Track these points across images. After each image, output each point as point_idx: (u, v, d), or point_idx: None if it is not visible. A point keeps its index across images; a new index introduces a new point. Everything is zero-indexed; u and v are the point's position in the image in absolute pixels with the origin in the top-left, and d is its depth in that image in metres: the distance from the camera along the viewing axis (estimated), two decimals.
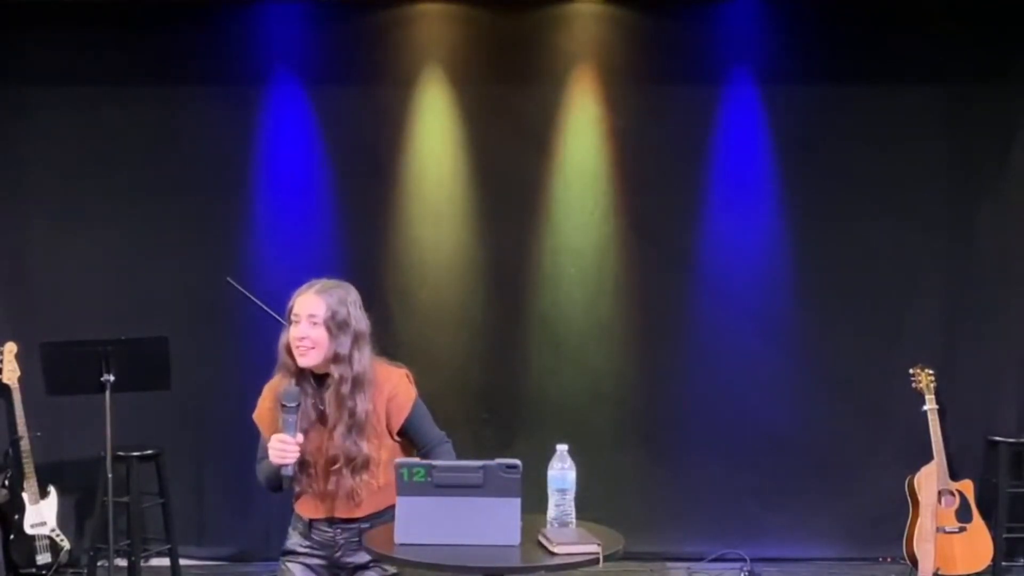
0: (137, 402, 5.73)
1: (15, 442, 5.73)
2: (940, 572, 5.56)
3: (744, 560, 6.12)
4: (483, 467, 3.29)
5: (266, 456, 3.64)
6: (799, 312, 6.38)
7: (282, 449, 3.53)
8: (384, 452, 3.64)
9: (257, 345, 6.25)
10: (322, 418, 3.63)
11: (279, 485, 3.67)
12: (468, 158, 6.40)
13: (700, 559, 6.23)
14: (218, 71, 6.32)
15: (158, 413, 6.06)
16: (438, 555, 3.21)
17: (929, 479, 5.61)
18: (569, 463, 3.41)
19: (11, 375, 5.77)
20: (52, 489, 5.81)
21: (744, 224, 6.39)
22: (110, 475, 5.46)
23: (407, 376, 3.76)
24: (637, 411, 6.40)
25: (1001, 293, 6.35)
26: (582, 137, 6.40)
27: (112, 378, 5.49)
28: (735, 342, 6.36)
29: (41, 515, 5.74)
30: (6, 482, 5.70)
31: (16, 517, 5.69)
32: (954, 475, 5.67)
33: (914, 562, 5.61)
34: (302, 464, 3.63)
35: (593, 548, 3.23)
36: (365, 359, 3.64)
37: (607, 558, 3.25)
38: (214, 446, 6.36)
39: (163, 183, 6.31)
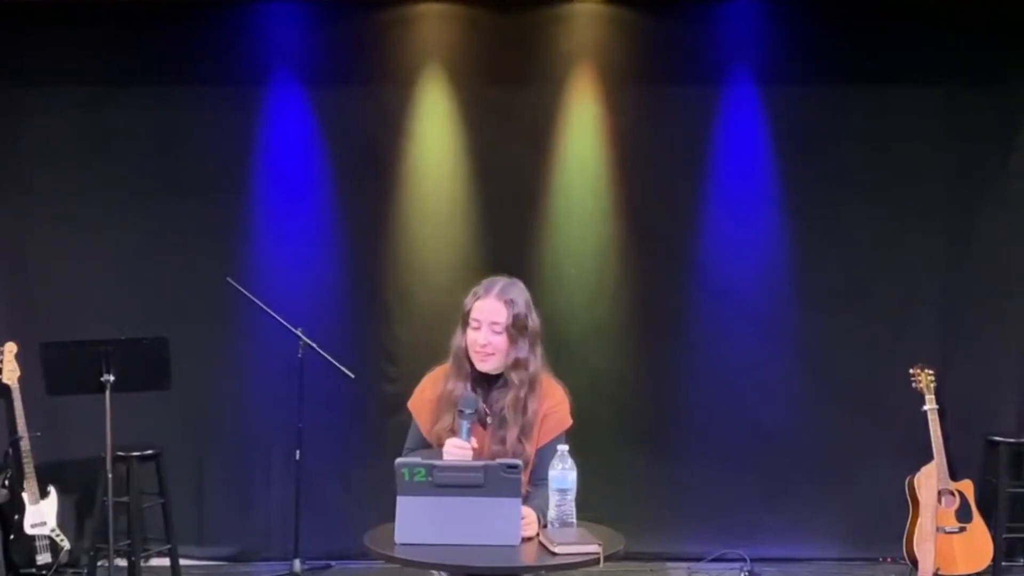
0: (137, 402, 5.73)
1: (15, 442, 5.72)
2: (940, 572, 5.56)
3: (744, 560, 6.12)
4: (484, 467, 3.30)
5: (417, 447, 3.69)
6: (799, 312, 6.38)
7: (459, 455, 3.49)
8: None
9: (257, 345, 6.31)
10: (490, 419, 3.65)
11: None
12: (468, 158, 6.39)
13: (700, 559, 6.23)
14: (218, 71, 6.31)
15: (158, 413, 6.06)
16: (438, 555, 3.21)
17: (929, 479, 5.61)
18: (569, 463, 3.41)
19: (11, 375, 5.76)
20: (52, 489, 5.80)
21: (744, 224, 6.38)
22: (110, 475, 5.46)
23: (568, 402, 3.75)
24: (637, 411, 6.39)
25: (1001, 293, 6.35)
26: (582, 137, 6.39)
27: (112, 378, 5.49)
28: (735, 342, 6.36)
29: (41, 515, 5.73)
30: (6, 482, 5.69)
31: (16, 517, 5.68)
32: (954, 475, 5.68)
33: (914, 562, 5.62)
34: None
35: (594, 548, 3.24)
36: (538, 360, 3.69)
37: (607, 558, 3.26)
38: (214, 446, 6.37)
39: (163, 183, 6.30)
